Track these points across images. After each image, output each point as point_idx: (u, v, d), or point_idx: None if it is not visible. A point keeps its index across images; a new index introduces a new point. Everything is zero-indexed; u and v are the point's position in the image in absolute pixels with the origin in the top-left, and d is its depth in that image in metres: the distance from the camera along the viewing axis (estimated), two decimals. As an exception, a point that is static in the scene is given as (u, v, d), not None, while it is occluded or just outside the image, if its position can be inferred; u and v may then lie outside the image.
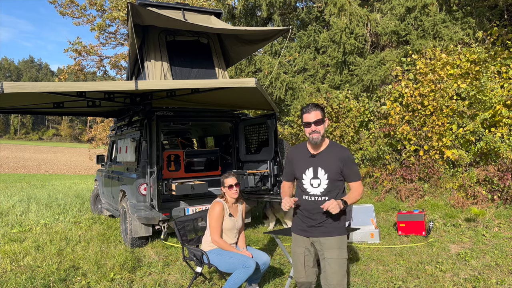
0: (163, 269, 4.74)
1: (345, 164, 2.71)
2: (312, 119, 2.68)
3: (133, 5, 5.36)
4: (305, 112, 2.71)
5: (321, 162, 2.73)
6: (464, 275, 4.27)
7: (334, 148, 2.78)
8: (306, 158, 2.79)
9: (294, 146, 2.99)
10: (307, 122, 2.70)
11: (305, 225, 2.79)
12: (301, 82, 11.73)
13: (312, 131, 2.68)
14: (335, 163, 2.70)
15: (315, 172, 2.73)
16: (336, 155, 2.72)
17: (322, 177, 2.72)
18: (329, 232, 2.72)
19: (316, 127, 2.67)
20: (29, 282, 4.28)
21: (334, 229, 2.73)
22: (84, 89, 4.30)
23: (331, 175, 2.70)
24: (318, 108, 2.71)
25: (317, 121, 2.68)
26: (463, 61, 8.46)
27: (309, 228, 2.77)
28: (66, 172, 27.95)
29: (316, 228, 2.74)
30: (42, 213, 8.65)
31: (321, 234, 2.73)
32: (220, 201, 3.73)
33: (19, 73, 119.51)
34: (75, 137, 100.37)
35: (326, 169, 2.71)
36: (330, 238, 2.71)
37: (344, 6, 10.24)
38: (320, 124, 2.69)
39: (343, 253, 2.71)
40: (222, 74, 6.65)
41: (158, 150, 5.41)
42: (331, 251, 2.69)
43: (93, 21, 18.29)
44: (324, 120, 2.73)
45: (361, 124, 10.04)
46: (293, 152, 2.91)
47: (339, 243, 2.72)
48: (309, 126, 2.69)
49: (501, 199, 6.65)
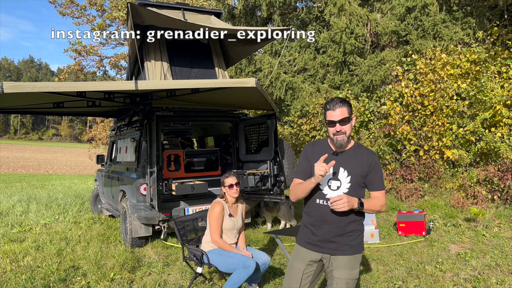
0: (163, 269, 4.74)
1: (372, 169, 2.32)
2: (338, 117, 2.23)
3: (133, 5, 5.36)
4: (329, 109, 2.26)
5: (345, 162, 2.33)
6: (464, 275, 4.27)
7: (361, 150, 2.39)
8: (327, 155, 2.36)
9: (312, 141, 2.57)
10: (331, 121, 2.25)
11: (316, 239, 2.35)
12: (301, 82, 11.73)
13: (336, 131, 2.25)
14: (360, 166, 2.32)
15: (336, 171, 2.33)
16: (363, 158, 2.34)
17: (343, 179, 2.32)
18: (342, 250, 2.31)
19: (341, 127, 2.24)
20: (29, 282, 4.28)
21: (349, 247, 2.31)
22: (84, 89, 4.30)
23: (354, 178, 2.31)
24: (345, 103, 2.26)
25: (343, 119, 2.24)
26: (463, 61, 8.46)
27: (321, 243, 2.34)
28: (66, 172, 27.96)
29: (330, 243, 2.32)
30: (42, 213, 8.64)
31: (333, 251, 2.32)
32: (220, 201, 3.73)
33: (19, 73, 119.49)
34: (75, 137, 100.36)
35: (350, 170, 2.31)
36: (342, 257, 2.31)
37: (344, 6, 10.24)
38: (346, 123, 2.26)
39: (354, 273, 2.32)
40: (222, 74, 6.65)
41: (158, 150, 5.41)
42: (340, 271, 2.30)
43: (93, 21, 18.28)
44: (351, 118, 2.31)
45: (361, 124, 10.04)
46: (312, 147, 2.45)
47: (352, 263, 2.32)
48: (333, 126, 2.26)
49: (501, 199, 6.65)
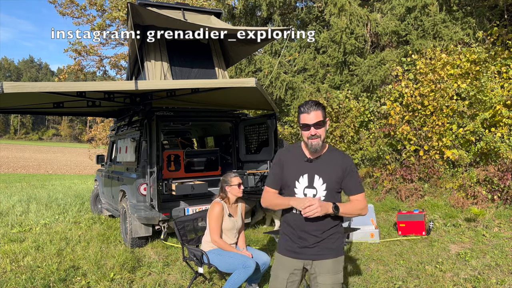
0: (163, 269, 4.74)
1: (347, 174, 2.29)
2: (312, 120, 2.19)
3: (133, 5, 5.36)
4: (304, 112, 2.21)
5: (319, 168, 2.28)
6: (464, 275, 4.27)
7: (335, 154, 2.35)
8: (301, 163, 2.31)
9: (286, 147, 2.49)
10: (306, 124, 2.21)
11: (296, 246, 2.32)
12: (301, 82, 11.73)
13: (311, 135, 2.20)
14: (335, 172, 2.27)
15: (310, 180, 2.27)
16: (337, 163, 2.30)
17: (319, 187, 2.27)
18: (323, 254, 2.29)
19: (316, 130, 2.20)
20: (29, 282, 4.28)
21: (330, 250, 2.31)
22: (84, 89, 4.31)
23: (330, 185, 2.26)
24: (319, 107, 2.22)
25: (318, 123, 2.20)
26: (463, 61, 8.46)
27: (302, 250, 2.31)
28: (66, 172, 27.96)
29: (310, 249, 2.30)
30: (42, 213, 8.64)
31: (314, 256, 2.30)
32: (220, 202, 3.73)
33: (19, 73, 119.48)
34: (75, 137, 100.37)
35: (325, 177, 2.26)
36: (325, 261, 2.29)
37: (344, 6, 10.24)
38: (321, 127, 2.22)
39: (338, 277, 2.32)
40: (222, 74, 6.65)
41: (158, 150, 5.41)
42: (325, 276, 2.28)
43: (93, 21, 18.27)
44: (326, 122, 2.26)
45: (361, 124, 10.04)
46: (285, 154, 2.39)
47: (335, 266, 2.31)
48: (308, 129, 2.21)
49: (501, 199, 6.65)
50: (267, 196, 2.40)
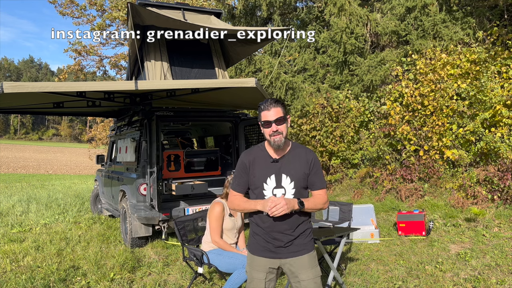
0: (163, 269, 4.74)
1: (311, 168, 2.32)
2: (273, 117, 2.22)
3: (133, 5, 5.36)
4: (264, 110, 2.25)
5: (285, 167, 2.30)
6: (464, 275, 4.27)
7: (299, 150, 2.37)
8: (267, 164, 2.31)
9: (248, 149, 2.48)
10: (267, 121, 2.23)
11: (271, 245, 2.32)
12: (301, 82, 11.73)
13: (273, 131, 2.22)
14: (301, 168, 2.30)
15: (278, 180, 2.28)
16: (301, 158, 2.33)
17: (287, 186, 2.28)
18: (299, 251, 2.32)
19: (278, 126, 2.22)
20: (29, 282, 4.28)
21: (304, 246, 2.34)
22: (84, 89, 4.31)
23: (297, 183, 2.29)
24: (279, 104, 2.26)
25: (278, 119, 2.23)
26: (463, 61, 8.46)
27: (277, 249, 2.32)
28: (66, 172, 27.96)
29: (285, 248, 2.31)
30: (42, 213, 8.64)
31: (291, 254, 2.31)
32: (220, 201, 3.73)
33: (19, 73, 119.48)
34: (75, 137, 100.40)
35: (292, 175, 2.28)
36: (302, 257, 2.32)
37: (344, 6, 10.24)
38: (282, 123, 2.24)
39: (318, 270, 2.36)
40: (222, 74, 6.65)
41: (158, 150, 5.41)
42: (305, 272, 2.30)
43: (93, 21, 18.28)
44: (287, 119, 2.30)
45: (361, 124, 10.04)
46: (249, 156, 2.37)
47: (312, 260, 2.35)
48: (269, 126, 2.23)
49: (501, 199, 6.65)
50: (234, 199, 2.39)
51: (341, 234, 3.87)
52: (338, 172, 10.13)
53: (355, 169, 10.09)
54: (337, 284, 3.83)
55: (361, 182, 9.38)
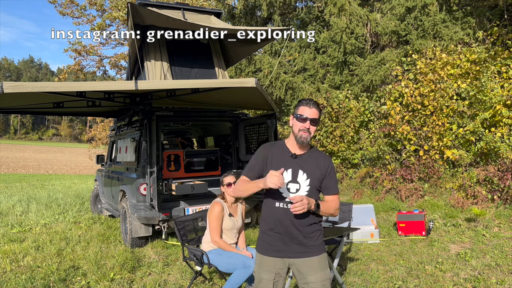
0: (163, 269, 4.74)
1: (327, 172, 2.35)
2: (311, 115, 2.27)
3: (133, 5, 5.36)
4: (305, 105, 2.29)
5: (303, 165, 2.33)
6: (464, 275, 4.27)
7: (318, 154, 2.41)
8: (286, 157, 2.34)
9: (269, 142, 2.54)
10: (304, 117, 2.27)
11: (280, 243, 2.30)
12: (301, 82, 11.73)
13: (305, 128, 2.26)
14: (317, 169, 2.34)
15: (294, 174, 2.31)
16: (320, 162, 2.36)
17: (302, 182, 2.31)
18: (309, 252, 2.30)
19: (310, 125, 2.28)
20: (29, 282, 4.28)
21: (315, 247, 2.31)
22: (84, 89, 4.31)
23: (313, 182, 2.31)
24: (319, 107, 2.33)
25: (314, 119, 2.28)
26: (463, 61, 8.46)
27: (286, 247, 2.30)
28: (66, 172, 27.96)
29: (295, 247, 2.29)
30: (42, 213, 8.64)
31: (300, 254, 2.29)
32: (220, 201, 3.73)
33: (19, 73, 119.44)
34: (75, 137, 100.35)
35: (309, 173, 2.31)
36: (312, 258, 2.29)
37: (344, 6, 10.24)
38: (315, 125, 2.30)
39: (328, 273, 2.33)
40: (222, 74, 6.65)
41: (158, 150, 5.41)
42: (314, 274, 2.27)
43: (93, 21, 18.27)
44: (319, 123, 2.37)
45: (361, 124, 10.04)
46: (269, 148, 2.40)
47: (323, 263, 2.32)
48: (304, 122, 2.26)
49: (501, 199, 6.65)
50: (238, 182, 2.40)
51: (341, 234, 3.88)
52: (338, 172, 10.13)
53: (355, 169, 10.09)
54: (337, 284, 3.83)
55: (361, 182, 9.38)
